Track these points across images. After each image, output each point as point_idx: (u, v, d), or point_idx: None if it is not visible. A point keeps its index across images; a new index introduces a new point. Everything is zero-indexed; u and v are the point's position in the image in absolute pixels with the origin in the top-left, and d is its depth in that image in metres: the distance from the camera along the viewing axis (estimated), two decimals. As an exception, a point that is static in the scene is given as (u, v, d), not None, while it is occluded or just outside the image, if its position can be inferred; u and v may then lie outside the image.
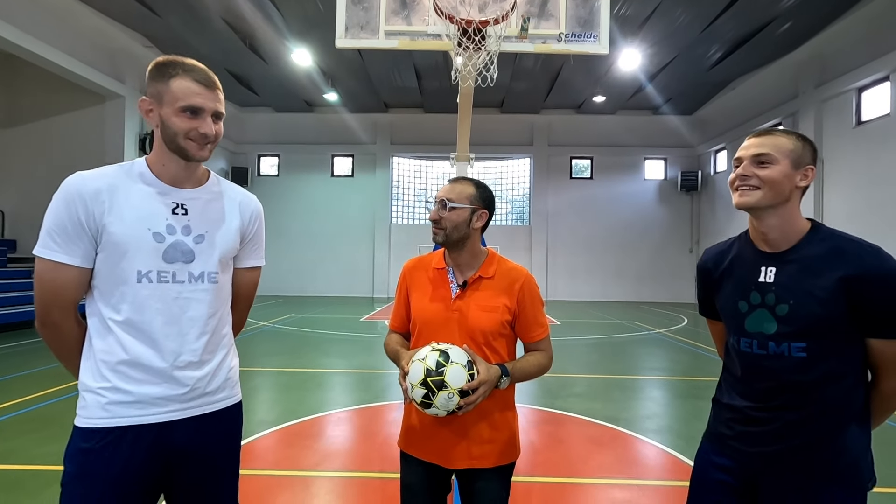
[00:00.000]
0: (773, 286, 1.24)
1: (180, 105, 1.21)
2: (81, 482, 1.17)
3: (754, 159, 1.24)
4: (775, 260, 1.26)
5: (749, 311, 1.28)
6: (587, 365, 7.04)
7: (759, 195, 1.23)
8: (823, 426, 1.20)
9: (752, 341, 1.27)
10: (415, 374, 1.35)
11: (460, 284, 1.54)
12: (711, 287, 1.43)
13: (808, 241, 1.24)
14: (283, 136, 19.26)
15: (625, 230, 18.88)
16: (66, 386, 5.23)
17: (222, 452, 1.36)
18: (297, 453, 3.57)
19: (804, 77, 12.89)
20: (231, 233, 1.36)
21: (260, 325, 10.38)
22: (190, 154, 1.25)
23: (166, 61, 1.24)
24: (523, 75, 15.02)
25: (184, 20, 11.74)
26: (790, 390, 1.22)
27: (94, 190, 1.19)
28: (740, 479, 1.29)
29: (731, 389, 1.35)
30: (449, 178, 1.66)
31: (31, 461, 3.32)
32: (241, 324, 1.55)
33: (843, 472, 1.19)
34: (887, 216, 10.53)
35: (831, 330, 1.18)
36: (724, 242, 1.44)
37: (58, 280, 1.19)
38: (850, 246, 1.19)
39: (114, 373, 1.20)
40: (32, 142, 12.98)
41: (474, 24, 3.03)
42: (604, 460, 3.54)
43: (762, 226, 1.27)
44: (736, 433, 1.30)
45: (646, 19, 11.47)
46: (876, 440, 1.28)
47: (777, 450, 1.23)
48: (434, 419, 1.47)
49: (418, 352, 1.41)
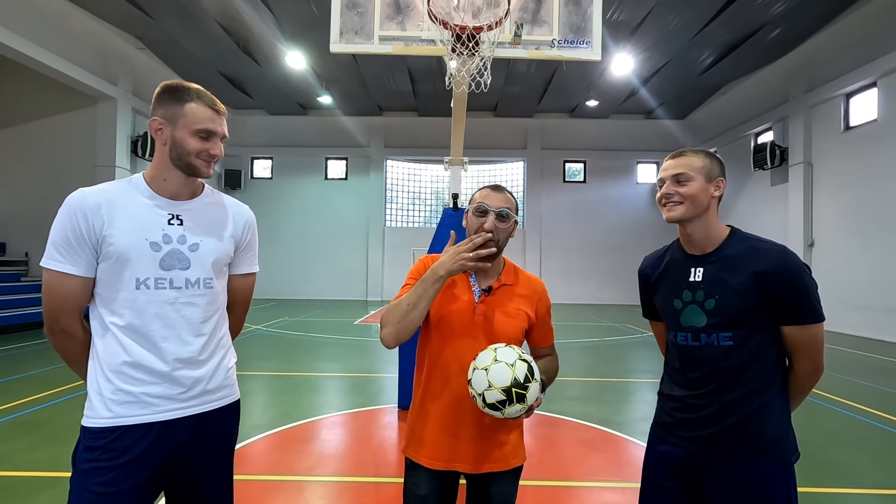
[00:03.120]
0: (701, 284, 1.42)
1: (196, 128, 1.32)
2: (89, 479, 1.24)
3: (674, 179, 1.44)
4: (701, 261, 1.45)
5: (683, 308, 1.46)
6: (581, 368, 7.06)
7: (683, 209, 1.43)
8: (749, 407, 1.36)
9: (688, 334, 1.44)
10: (500, 378, 1.30)
11: (484, 290, 1.53)
12: (650, 289, 1.61)
13: (727, 244, 1.43)
14: (277, 139, 19.21)
15: (618, 233, 19.01)
16: (55, 391, 5.18)
17: (222, 448, 1.45)
18: (291, 457, 3.55)
19: (793, 82, 13.07)
20: (224, 241, 1.44)
21: (253, 329, 10.32)
22: (199, 171, 1.36)
23: (178, 86, 1.34)
24: (517, 79, 15.11)
25: (177, 22, 11.69)
26: (720, 375, 1.38)
27: (94, 204, 1.27)
28: (683, 461, 1.44)
29: (671, 381, 1.52)
30: (485, 185, 1.58)
31: (19, 467, 3.28)
32: (239, 327, 1.64)
33: (767, 446, 1.35)
34: (874, 218, 10.69)
35: (751, 320, 1.36)
36: (660, 250, 1.63)
37: (63, 289, 1.28)
38: (761, 245, 1.38)
39: (117, 374, 1.28)
40: (23, 144, 12.85)
41: (468, 30, 3.06)
42: (597, 463, 3.55)
43: (689, 233, 1.46)
44: (677, 420, 1.47)
45: (638, 24, 11.59)
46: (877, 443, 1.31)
47: (711, 432, 1.38)
48: (453, 426, 1.46)
49: (503, 351, 1.34)
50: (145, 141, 13.19)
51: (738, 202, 15.85)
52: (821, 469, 3.48)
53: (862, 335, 10.70)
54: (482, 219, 1.49)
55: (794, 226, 13.01)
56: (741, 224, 1.51)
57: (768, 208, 14.35)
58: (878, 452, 3.81)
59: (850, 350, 8.93)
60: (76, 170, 12.41)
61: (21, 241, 12.38)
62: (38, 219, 11.60)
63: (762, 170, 14.18)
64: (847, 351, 8.84)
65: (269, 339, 9.11)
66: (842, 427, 4.48)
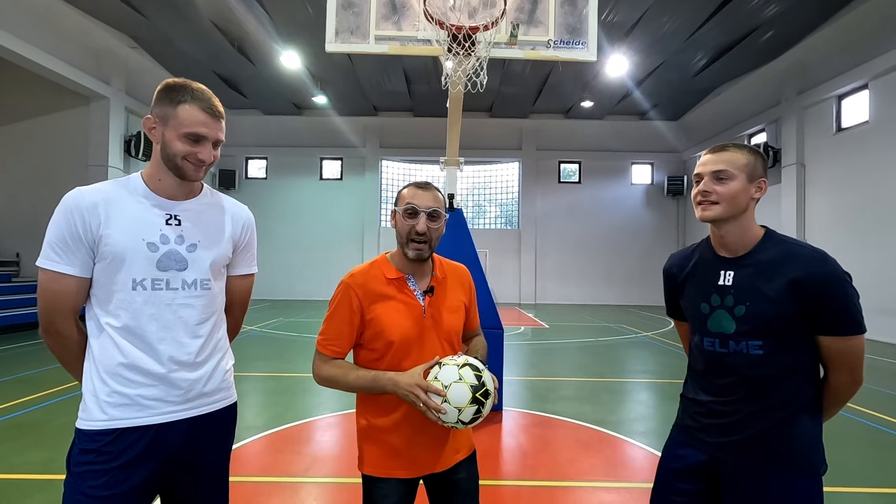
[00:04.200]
0: (731, 289, 1.34)
1: (184, 131, 1.28)
2: (84, 481, 1.22)
3: (713, 175, 1.33)
4: (733, 264, 1.36)
5: (710, 312, 1.38)
6: (576, 368, 7.08)
7: (720, 209, 1.33)
8: (777, 417, 1.29)
9: (715, 340, 1.36)
10: (460, 397, 1.29)
11: (426, 291, 1.49)
12: (676, 290, 1.54)
13: (761, 247, 1.34)
14: (272, 139, 19.14)
15: (613, 234, 19.08)
16: (45, 393, 5.12)
17: (217, 451, 1.42)
18: (285, 459, 3.53)
19: (786, 84, 13.18)
20: (223, 242, 1.42)
21: (248, 330, 10.27)
22: (186, 174, 1.32)
23: (176, 85, 1.30)
24: (512, 80, 15.13)
25: (171, 21, 11.62)
26: (748, 385, 1.31)
27: (91, 204, 1.25)
28: (704, 465, 1.38)
29: (695, 385, 1.45)
30: (413, 182, 1.52)
31: (10, 470, 3.24)
32: (237, 328, 1.62)
33: (795, 458, 1.28)
34: (866, 219, 10.79)
35: (784, 329, 1.28)
36: (688, 248, 1.55)
37: (59, 289, 1.26)
38: (799, 250, 1.29)
39: (112, 376, 1.26)
40: (15, 143, 12.73)
41: (464, 30, 3.06)
42: (592, 463, 3.55)
43: (722, 234, 1.38)
44: (701, 425, 1.40)
45: (633, 26, 11.64)
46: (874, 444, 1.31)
47: (736, 440, 1.32)
48: (424, 432, 1.44)
49: (438, 373, 1.33)
50: (138, 141, 13.09)
51: (732, 203, 15.95)
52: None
53: (854, 335, 10.78)
54: (413, 221, 1.43)
55: (786, 227, 13.11)
56: None
57: (761, 209, 14.38)
58: (870, 451, 3.83)
59: (843, 350, 8.99)
60: (68, 169, 12.30)
61: (12, 241, 12.25)
62: (29, 219, 11.48)
63: (755, 171, 14.26)
64: (839, 351, 8.90)
65: (264, 340, 9.06)
66: (834, 426, 4.51)
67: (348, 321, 1.44)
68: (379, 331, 1.43)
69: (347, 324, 1.44)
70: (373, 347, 1.45)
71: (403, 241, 1.45)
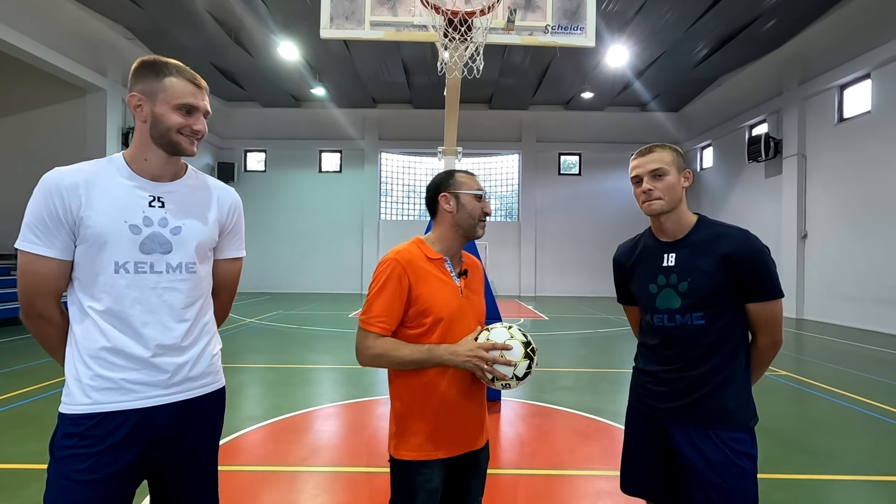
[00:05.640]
0: (674, 268, 1.54)
1: (178, 103, 1.27)
2: (67, 466, 1.20)
3: (651, 174, 1.53)
4: (673, 247, 1.56)
5: (658, 292, 1.56)
6: (575, 359, 7.08)
7: (663, 203, 1.52)
8: (715, 380, 1.49)
9: (664, 316, 1.55)
10: (515, 353, 1.41)
11: (461, 273, 1.59)
12: (626, 276, 1.73)
13: (696, 230, 1.55)
14: (270, 132, 19.05)
15: (613, 226, 19.01)
16: (43, 385, 5.13)
17: (205, 436, 1.40)
18: (283, 448, 3.53)
19: (787, 74, 13.08)
20: (208, 224, 1.39)
21: (247, 322, 10.27)
22: (182, 148, 1.30)
23: (156, 61, 1.28)
24: (511, 71, 15.03)
25: (167, 13, 11.52)
26: (691, 353, 1.51)
27: (71, 184, 1.22)
28: (656, 428, 1.58)
29: (644, 358, 1.67)
30: (464, 170, 1.64)
31: (8, 460, 3.25)
32: (225, 313, 1.59)
33: (731, 414, 1.48)
34: (868, 210, 10.75)
35: (720, 299, 1.48)
36: (632, 239, 1.74)
37: (39, 272, 1.23)
38: (727, 230, 1.51)
39: (95, 360, 1.24)
40: (11, 135, 12.66)
41: (460, 15, 3.01)
42: (591, 452, 3.56)
43: (662, 222, 1.57)
44: (651, 392, 1.61)
45: (633, 16, 11.54)
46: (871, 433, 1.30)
47: (681, 404, 1.52)
48: (467, 409, 1.52)
49: (489, 336, 1.45)
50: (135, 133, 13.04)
51: (732, 194, 15.91)
52: (812, 457, 3.51)
53: (853, 325, 10.80)
54: (481, 203, 1.57)
55: (787, 218, 13.07)
56: (735, 216, 1.58)
57: (762, 200, 14.40)
58: (868, 440, 3.84)
59: (841, 340, 9.00)
60: (66, 162, 11.36)
61: (10, 234, 12.18)
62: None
63: (756, 162, 14.21)
64: (838, 341, 8.92)
65: (262, 332, 9.07)
66: (833, 416, 4.51)
67: (399, 297, 1.46)
68: (427, 307, 1.47)
69: (398, 299, 1.46)
70: (419, 323, 1.48)
71: (474, 222, 1.57)
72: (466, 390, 1.51)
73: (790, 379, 5.85)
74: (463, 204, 1.55)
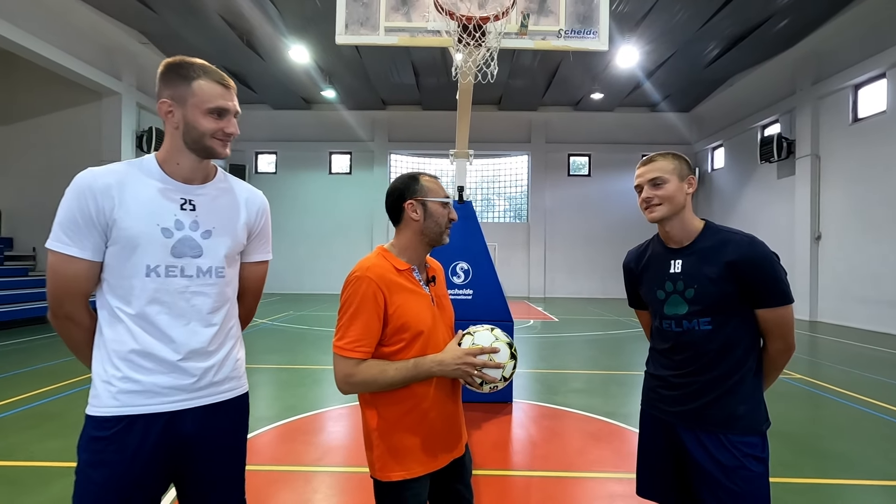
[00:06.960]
0: (681, 275, 1.55)
1: (209, 107, 1.26)
2: (95, 470, 1.20)
3: (651, 183, 1.56)
4: (680, 254, 1.58)
5: (666, 298, 1.58)
6: (586, 361, 7.06)
7: (663, 210, 1.56)
8: (727, 384, 1.49)
9: (671, 322, 1.57)
10: (502, 355, 1.42)
11: (428, 281, 1.53)
12: (635, 282, 1.75)
13: (702, 237, 1.56)
14: (281, 134, 19.21)
15: (623, 227, 18.90)
16: (65, 383, 5.23)
17: (230, 441, 1.39)
18: (298, 448, 3.58)
19: (801, 74, 12.93)
20: (238, 228, 1.38)
21: (259, 323, 10.37)
22: (215, 152, 1.30)
23: (181, 62, 1.26)
24: (521, 72, 15.01)
25: (181, 17, 11.68)
26: (701, 358, 1.52)
27: (104, 185, 1.21)
28: (668, 432, 1.59)
29: (655, 362, 1.67)
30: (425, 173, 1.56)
31: (31, 458, 3.32)
32: (250, 317, 1.58)
33: (743, 417, 1.48)
34: (882, 212, 10.59)
35: (727, 305, 1.48)
36: (642, 244, 1.75)
37: (69, 273, 1.21)
38: (732, 237, 1.50)
39: (124, 362, 1.23)
40: (29, 139, 12.91)
41: (474, 21, 3.04)
42: (602, 454, 3.56)
43: (668, 229, 1.59)
44: (661, 397, 1.62)
45: (643, 16, 11.48)
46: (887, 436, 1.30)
47: (692, 408, 1.53)
48: (449, 418, 1.49)
49: (473, 341, 1.43)
50: (150, 136, 13.22)
51: (745, 195, 15.74)
52: (826, 460, 3.48)
53: (869, 328, 10.64)
54: (446, 210, 1.50)
55: (800, 219, 12.92)
56: (746, 217, 1.57)
57: (775, 201, 14.23)
58: (883, 444, 3.79)
59: (858, 343, 8.88)
60: (82, 165, 11.72)
61: (28, 236, 12.46)
62: (44, 214, 11.54)
63: (769, 162, 14.06)
64: (854, 344, 8.80)
65: (274, 333, 9.15)
66: (848, 419, 4.47)
67: (376, 316, 1.36)
68: (403, 322, 1.39)
69: (376, 318, 1.36)
70: (398, 339, 1.39)
71: (441, 230, 1.49)
72: (449, 398, 1.48)
73: (804, 382, 5.80)
74: (430, 212, 1.47)
